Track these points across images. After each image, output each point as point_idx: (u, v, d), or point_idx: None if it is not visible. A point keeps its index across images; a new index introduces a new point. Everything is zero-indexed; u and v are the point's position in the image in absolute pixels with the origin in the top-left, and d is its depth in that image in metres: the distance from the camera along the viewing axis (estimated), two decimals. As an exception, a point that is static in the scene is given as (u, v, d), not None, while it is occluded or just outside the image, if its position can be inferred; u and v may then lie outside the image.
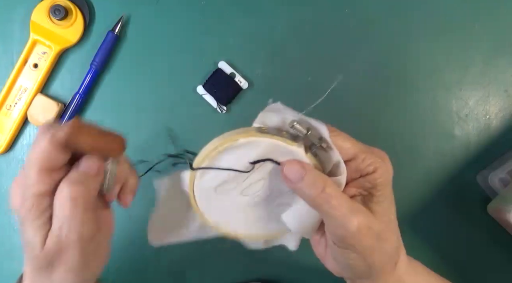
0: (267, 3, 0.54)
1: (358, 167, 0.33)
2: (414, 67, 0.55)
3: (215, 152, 0.33)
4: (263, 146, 0.32)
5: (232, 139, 0.32)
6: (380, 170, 0.33)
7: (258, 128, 0.32)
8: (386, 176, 0.34)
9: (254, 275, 0.54)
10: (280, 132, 0.32)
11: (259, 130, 0.32)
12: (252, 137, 0.32)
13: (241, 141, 0.32)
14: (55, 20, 0.52)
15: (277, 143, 0.32)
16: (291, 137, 0.32)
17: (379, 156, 0.34)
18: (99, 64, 0.52)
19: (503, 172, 0.52)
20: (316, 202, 0.31)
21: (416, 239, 0.54)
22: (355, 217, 0.31)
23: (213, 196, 0.36)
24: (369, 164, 0.33)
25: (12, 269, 0.54)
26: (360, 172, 0.34)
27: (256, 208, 0.37)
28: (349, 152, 0.33)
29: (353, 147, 0.33)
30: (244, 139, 0.32)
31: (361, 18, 0.55)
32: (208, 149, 0.34)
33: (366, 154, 0.33)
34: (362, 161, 0.33)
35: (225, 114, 0.54)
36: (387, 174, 0.34)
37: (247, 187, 0.35)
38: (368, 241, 0.32)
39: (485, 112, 0.55)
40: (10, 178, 0.54)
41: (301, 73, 0.54)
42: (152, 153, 0.54)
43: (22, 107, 0.53)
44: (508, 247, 0.54)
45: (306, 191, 0.31)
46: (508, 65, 0.54)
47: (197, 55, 0.54)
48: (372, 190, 0.33)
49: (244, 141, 0.32)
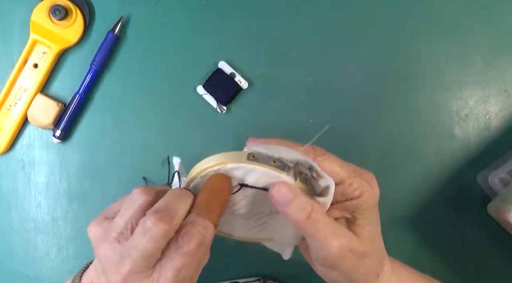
0: (267, 3, 0.54)
1: (344, 191, 0.34)
2: (414, 67, 0.55)
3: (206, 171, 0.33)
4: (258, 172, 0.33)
5: (223, 162, 0.32)
6: (366, 194, 0.34)
7: (249, 155, 0.33)
8: (372, 200, 0.34)
9: (255, 271, 0.54)
10: (270, 160, 0.32)
11: (250, 157, 0.32)
12: (242, 164, 0.32)
13: (229, 166, 0.32)
14: (55, 20, 0.52)
15: (267, 171, 0.32)
16: (281, 166, 0.33)
17: (366, 179, 0.35)
18: (99, 64, 0.52)
19: (503, 172, 0.52)
20: (301, 226, 0.32)
21: (416, 239, 0.54)
22: (337, 240, 0.32)
23: None
24: (355, 188, 0.34)
25: (12, 269, 0.54)
26: (346, 196, 0.34)
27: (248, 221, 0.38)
28: (337, 176, 0.34)
29: (341, 170, 0.34)
30: (232, 165, 0.32)
31: (361, 18, 0.55)
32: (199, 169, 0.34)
33: (354, 179, 0.34)
34: (349, 185, 0.34)
35: (225, 114, 0.54)
36: (372, 198, 0.34)
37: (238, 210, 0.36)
38: (349, 262, 0.33)
39: (485, 112, 0.55)
40: (10, 178, 0.54)
41: (301, 73, 0.54)
42: (152, 153, 0.54)
43: (22, 107, 0.53)
44: (508, 247, 0.54)
45: (293, 215, 0.32)
46: (508, 65, 0.54)
47: (197, 55, 0.54)
48: (356, 214, 0.34)
49: (232, 166, 0.32)
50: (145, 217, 0.29)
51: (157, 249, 0.29)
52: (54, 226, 0.54)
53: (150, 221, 0.29)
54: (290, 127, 0.54)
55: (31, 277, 0.54)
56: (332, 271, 0.34)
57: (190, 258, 0.29)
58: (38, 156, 0.54)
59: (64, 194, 0.54)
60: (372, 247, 0.35)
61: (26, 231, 0.54)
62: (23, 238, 0.54)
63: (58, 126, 0.53)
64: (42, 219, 0.54)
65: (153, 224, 0.28)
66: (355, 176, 0.34)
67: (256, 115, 0.54)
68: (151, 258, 0.29)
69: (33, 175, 0.54)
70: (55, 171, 0.54)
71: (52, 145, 0.54)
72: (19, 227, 0.54)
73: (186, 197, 0.31)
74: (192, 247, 0.29)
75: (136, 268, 0.29)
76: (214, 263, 0.54)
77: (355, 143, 0.54)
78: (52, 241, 0.54)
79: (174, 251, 0.29)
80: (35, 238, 0.54)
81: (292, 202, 0.32)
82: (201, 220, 0.30)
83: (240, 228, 0.39)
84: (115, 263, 0.30)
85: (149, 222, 0.29)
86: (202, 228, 0.29)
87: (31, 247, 0.54)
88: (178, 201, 0.31)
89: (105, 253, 0.31)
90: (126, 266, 0.29)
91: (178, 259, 0.29)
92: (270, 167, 0.32)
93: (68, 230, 0.54)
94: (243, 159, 0.32)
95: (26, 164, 0.54)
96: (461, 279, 0.54)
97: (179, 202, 0.30)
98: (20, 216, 0.54)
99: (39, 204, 0.54)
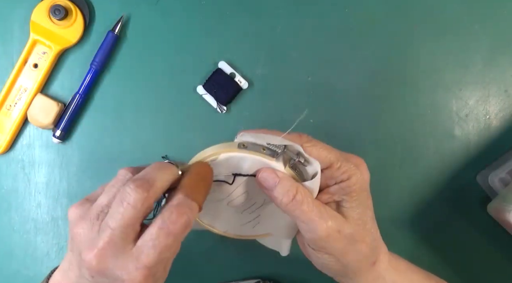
0: (267, 3, 0.54)
1: (333, 175, 0.35)
2: (414, 67, 0.55)
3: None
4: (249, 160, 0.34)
5: (215, 153, 0.34)
6: (354, 177, 0.34)
7: (240, 144, 0.34)
8: (361, 183, 0.35)
9: (254, 272, 0.54)
10: (259, 148, 0.34)
11: (240, 146, 0.34)
12: (233, 153, 0.34)
13: (222, 156, 0.34)
14: (55, 20, 0.52)
15: (257, 158, 0.34)
16: (270, 153, 0.34)
17: (355, 163, 0.35)
18: (99, 64, 0.52)
19: (503, 172, 0.52)
20: (287, 208, 0.33)
21: (416, 239, 0.54)
22: (324, 222, 0.33)
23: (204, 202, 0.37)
24: (343, 172, 0.34)
25: (12, 269, 0.54)
26: (334, 180, 0.35)
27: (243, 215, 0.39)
28: (325, 161, 0.34)
29: (329, 155, 0.34)
30: (225, 155, 0.34)
31: (361, 18, 0.55)
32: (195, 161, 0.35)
33: (341, 162, 0.35)
34: (337, 169, 0.34)
35: (225, 114, 0.54)
36: (361, 181, 0.35)
37: (233, 200, 0.37)
38: (339, 244, 0.34)
39: (485, 112, 0.55)
40: (10, 178, 0.54)
41: (301, 73, 0.54)
42: (151, 153, 0.54)
43: (22, 107, 0.53)
44: (508, 247, 0.54)
45: (279, 198, 0.33)
46: (508, 65, 0.54)
47: (197, 55, 0.54)
48: (346, 196, 0.35)
49: (225, 156, 0.34)
50: (124, 185, 0.29)
51: (136, 218, 0.28)
52: (54, 226, 0.54)
53: (128, 188, 0.28)
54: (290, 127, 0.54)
55: (31, 277, 0.54)
56: (323, 254, 0.35)
57: (174, 238, 0.29)
58: (38, 156, 0.54)
59: (64, 194, 0.54)
60: (363, 231, 0.35)
61: (26, 231, 0.54)
62: (23, 238, 0.54)
63: (58, 126, 0.53)
64: (42, 219, 0.54)
65: (131, 190, 0.28)
66: (343, 160, 0.35)
67: (256, 115, 0.54)
68: (130, 228, 0.28)
69: (33, 175, 0.54)
70: (55, 171, 0.54)
71: (52, 145, 0.54)
72: (19, 227, 0.54)
73: (167, 169, 0.31)
74: (178, 227, 0.28)
75: (114, 240, 0.28)
76: (213, 265, 0.54)
77: (355, 143, 0.54)
78: (52, 241, 0.54)
79: (159, 230, 0.28)
80: (35, 238, 0.54)
81: (277, 186, 0.33)
82: (189, 201, 0.30)
83: (236, 224, 0.39)
84: (90, 239, 0.29)
85: (128, 189, 0.28)
86: (189, 209, 0.29)
87: (31, 247, 0.54)
88: (159, 172, 0.30)
89: (82, 231, 0.30)
90: (104, 239, 0.28)
91: (163, 238, 0.28)
92: (260, 154, 0.33)
93: (68, 230, 0.54)
94: (234, 149, 0.34)
95: (26, 164, 0.54)
96: (461, 279, 0.54)
97: (160, 173, 0.30)
98: (20, 216, 0.54)
99: (39, 204, 0.54)
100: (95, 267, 0.29)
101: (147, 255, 0.28)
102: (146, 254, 0.28)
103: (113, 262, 0.28)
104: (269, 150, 0.34)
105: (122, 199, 0.28)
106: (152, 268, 0.29)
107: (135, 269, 0.28)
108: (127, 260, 0.28)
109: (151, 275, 0.29)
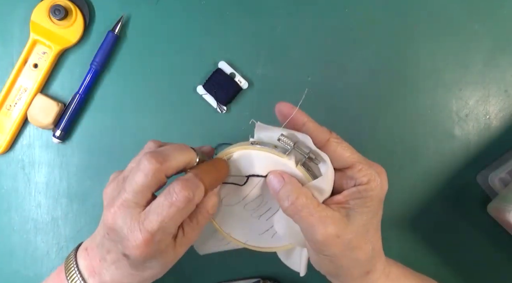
0: (267, 3, 0.54)
1: (354, 175, 0.34)
2: (414, 67, 0.55)
3: None
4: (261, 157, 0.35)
5: (230, 151, 0.35)
6: (374, 183, 0.34)
7: (253, 142, 0.35)
8: (378, 191, 0.34)
9: (254, 272, 0.54)
10: (272, 146, 0.34)
11: (253, 144, 0.35)
12: (246, 150, 0.35)
13: (236, 154, 0.35)
14: (55, 20, 0.52)
15: (269, 155, 0.34)
16: (283, 150, 0.34)
17: (376, 170, 0.35)
18: (99, 64, 0.52)
19: (503, 172, 0.52)
20: (287, 212, 0.34)
21: (416, 239, 0.54)
22: (324, 227, 0.33)
23: (221, 208, 0.38)
24: (364, 175, 0.34)
25: (12, 269, 0.54)
26: (354, 181, 0.34)
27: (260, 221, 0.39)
28: (348, 160, 0.34)
29: (352, 155, 0.35)
30: (239, 152, 0.35)
31: (361, 18, 0.55)
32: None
33: (364, 165, 0.34)
34: (358, 171, 0.34)
35: (225, 114, 0.54)
36: (379, 189, 0.34)
37: (249, 203, 0.38)
38: (336, 248, 0.33)
39: (485, 112, 0.55)
40: (10, 178, 0.54)
41: (301, 73, 0.54)
42: (152, 153, 0.54)
43: (22, 107, 0.53)
44: (508, 247, 0.54)
45: (280, 201, 0.34)
46: (508, 65, 0.54)
47: (197, 55, 0.54)
48: (360, 200, 0.34)
49: (239, 153, 0.35)
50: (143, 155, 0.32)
51: (146, 186, 0.32)
52: (54, 226, 0.54)
53: (144, 158, 0.32)
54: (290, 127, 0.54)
55: (31, 277, 0.54)
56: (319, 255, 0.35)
57: (176, 209, 0.31)
58: (38, 156, 0.54)
59: (64, 194, 0.54)
60: (363, 238, 0.34)
61: (26, 231, 0.54)
62: (23, 238, 0.54)
63: (58, 126, 0.53)
64: (42, 219, 0.54)
65: (146, 159, 0.32)
66: (365, 164, 0.35)
67: (256, 115, 0.54)
68: (140, 194, 0.32)
69: (33, 175, 0.54)
70: (55, 171, 0.54)
71: (52, 145, 0.54)
72: (19, 227, 0.54)
73: (186, 151, 0.34)
74: (180, 198, 0.31)
75: (126, 201, 0.32)
76: (214, 264, 0.54)
77: (355, 143, 0.54)
78: (52, 241, 0.54)
79: (164, 200, 0.31)
80: (35, 238, 0.54)
81: (281, 189, 0.34)
82: (196, 179, 0.32)
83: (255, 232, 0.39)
84: (113, 198, 0.33)
85: (144, 158, 0.32)
86: (194, 186, 0.32)
87: (31, 247, 0.54)
88: (176, 151, 0.34)
89: (109, 191, 0.34)
90: (120, 198, 0.32)
91: (166, 207, 0.31)
92: (271, 151, 0.34)
93: (68, 230, 0.54)
94: (247, 146, 0.35)
95: (26, 164, 0.54)
96: (461, 279, 0.54)
97: (177, 152, 0.33)
98: (20, 216, 0.54)
99: (39, 204, 0.54)
100: (110, 224, 0.32)
101: (150, 221, 0.31)
102: (150, 220, 0.31)
103: (124, 221, 0.32)
104: (281, 147, 0.34)
105: (138, 167, 0.32)
106: (154, 235, 0.31)
107: (139, 231, 0.31)
108: (134, 222, 0.31)
109: (153, 242, 0.31)
